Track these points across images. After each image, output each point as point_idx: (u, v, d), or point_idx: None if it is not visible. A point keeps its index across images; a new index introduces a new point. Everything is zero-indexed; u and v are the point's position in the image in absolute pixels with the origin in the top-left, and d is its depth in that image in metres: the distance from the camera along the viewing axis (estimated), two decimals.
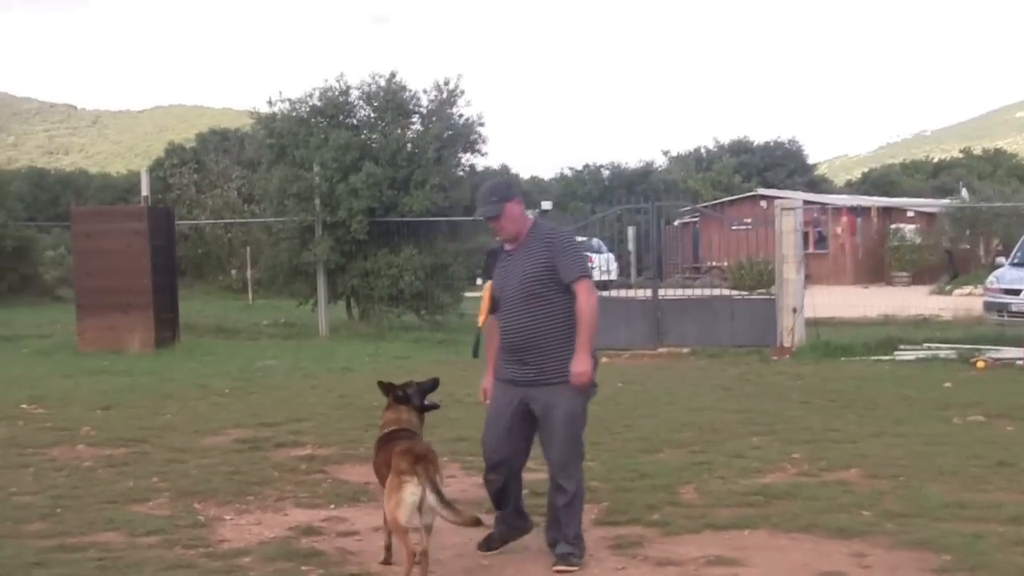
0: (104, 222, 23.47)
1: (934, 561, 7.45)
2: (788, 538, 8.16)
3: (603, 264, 39.73)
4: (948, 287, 40.71)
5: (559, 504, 7.68)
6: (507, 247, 7.76)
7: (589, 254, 39.24)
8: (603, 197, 58.05)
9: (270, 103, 27.65)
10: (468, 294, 27.77)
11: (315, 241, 25.95)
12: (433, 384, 8.08)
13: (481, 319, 7.99)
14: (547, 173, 76.95)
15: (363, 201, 25.41)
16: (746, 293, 28.69)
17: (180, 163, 48.77)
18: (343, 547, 7.96)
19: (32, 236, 41.69)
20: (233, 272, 44.04)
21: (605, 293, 26.03)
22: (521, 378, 7.58)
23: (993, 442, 11.68)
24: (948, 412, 13.65)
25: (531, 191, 60.26)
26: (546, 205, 25.50)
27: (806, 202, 32.23)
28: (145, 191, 25.13)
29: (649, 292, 23.56)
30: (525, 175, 72.14)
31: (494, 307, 7.78)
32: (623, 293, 25.13)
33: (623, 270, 41.11)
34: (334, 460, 11.09)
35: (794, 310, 21.32)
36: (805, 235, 23.20)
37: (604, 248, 40.67)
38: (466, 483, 10.11)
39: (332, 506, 9.23)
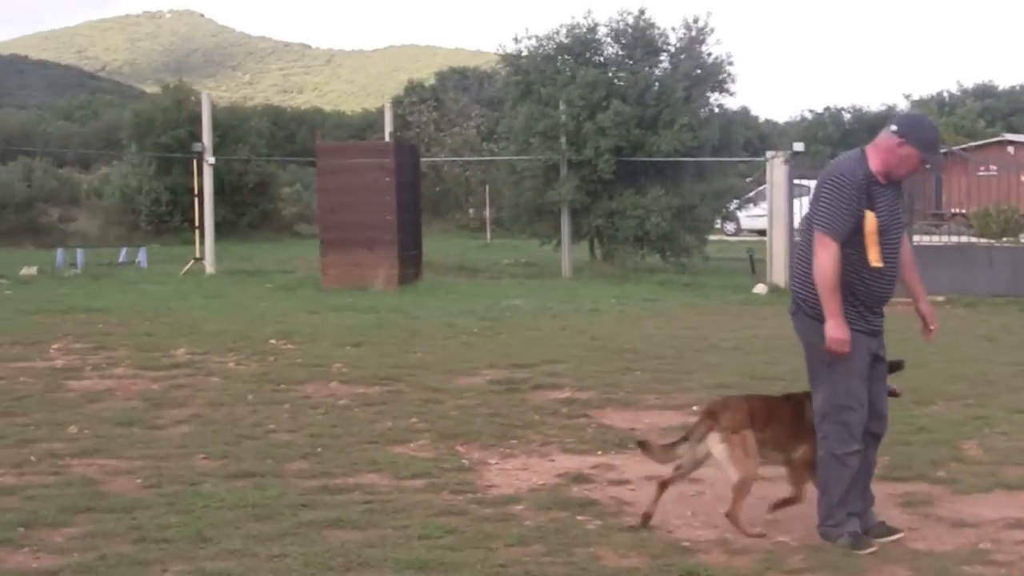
0: (350, 157, 23.49)
1: None
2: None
3: None
4: None
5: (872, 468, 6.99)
6: (880, 179, 6.64)
7: None
8: (844, 140, 56.65)
9: (516, 40, 27.45)
10: (711, 237, 27.33)
11: (560, 180, 25.74)
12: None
13: (880, 258, 6.58)
14: (781, 116, 75.28)
15: (610, 140, 25.06)
16: (993, 241, 27.58)
17: (419, 101, 49.14)
18: (617, 496, 7.66)
19: (272, 172, 42.39)
20: (471, 211, 44.29)
21: None
22: (878, 328, 6.78)
23: None
24: None
25: (769, 134, 59.14)
26: (798, 147, 24.65)
27: None
28: (389, 127, 25.27)
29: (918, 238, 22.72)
30: (761, 118, 70.78)
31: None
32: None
33: None
34: (595, 404, 10.80)
35: None
36: None
37: None
38: None
39: (599, 452, 8.94)
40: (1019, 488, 7.91)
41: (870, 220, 6.54)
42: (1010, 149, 45.66)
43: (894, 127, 6.66)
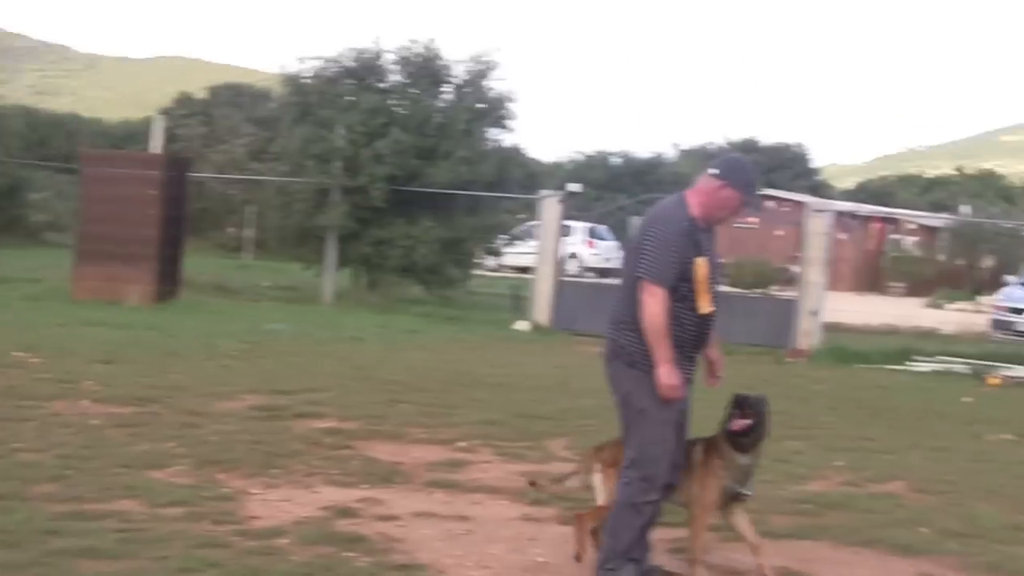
0: (117, 167, 22.64)
1: None
2: (851, 552, 7.84)
3: (607, 251, 39.51)
4: (953, 301, 40.68)
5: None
6: (701, 224, 6.64)
7: (593, 239, 39.32)
8: (610, 185, 57.58)
9: (300, 60, 26.97)
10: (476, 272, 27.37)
11: (331, 205, 25.36)
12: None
13: (708, 303, 6.63)
14: (546, 156, 76.07)
15: (386, 168, 24.79)
16: (745, 291, 28.50)
17: (189, 114, 48.08)
18: (385, 532, 7.49)
19: (27, 176, 40.67)
20: (230, 230, 43.41)
21: (613, 281, 25.78)
22: (691, 378, 6.81)
23: None
24: (977, 428, 13.55)
25: (537, 172, 59.72)
26: (573, 187, 24.92)
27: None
28: (158, 140, 24.60)
29: None
30: (544, 157, 71.41)
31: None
32: None
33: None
34: (360, 435, 10.60)
35: (813, 312, 20.99)
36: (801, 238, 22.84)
37: (610, 236, 40.41)
38: (504, 470, 9.70)
39: (365, 485, 8.76)
40: (786, 537, 8.05)
41: (701, 267, 6.55)
42: (770, 204, 47.21)
43: (714, 170, 6.68)
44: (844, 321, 24.12)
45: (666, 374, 6.44)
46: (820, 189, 71.51)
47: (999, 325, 27.03)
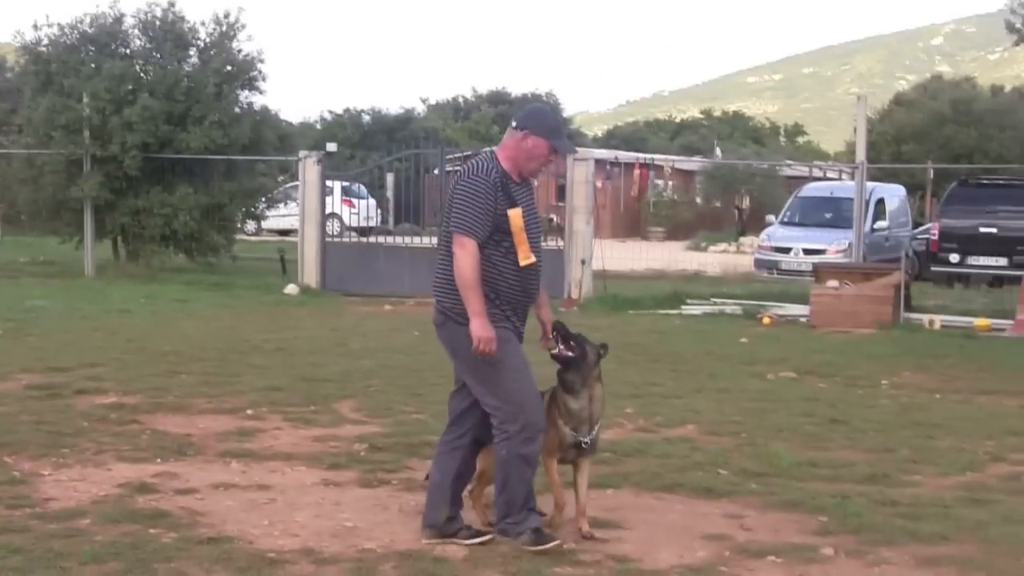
0: None
1: (812, 523, 7.26)
2: (655, 498, 7.87)
3: (367, 210, 39.18)
4: (715, 243, 41.74)
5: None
6: (514, 176, 6.63)
7: (351, 199, 39.01)
8: (363, 143, 57.26)
9: (35, 28, 25.77)
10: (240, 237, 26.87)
11: (83, 176, 24.42)
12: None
13: (531, 254, 6.60)
14: (295, 117, 74.84)
15: (137, 135, 23.92)
16: None
17: None
18: (187, 506, 7.25)
19: None
20: None
21: (377, 239, 25.67)
22: (522, 331, 6.77)
23: (815, 399, 11.74)
24: (757, 368, 13.77)
25: (289, 134, 58.89)
26: (331, 147, 24.64)
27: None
28: None
29: (435, 239, 23.13)
30: (293, 118, 70.39)
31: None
32: (408, 240, 24.66)
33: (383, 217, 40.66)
34: (144, 409, 10.27)
35: (583, 262, 21.23)
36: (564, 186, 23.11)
37: (367, 194, 40.12)
38: (296, 436, 9.52)
39: (158, 460, 8.48)
40: (588, 487, 8.03)
41: (515, 217, 6.50)
42: None
43: (514, 123, 6.62)
44: (611, 268, 24.49)
45: (479, 326, 6.36)
46: (573, 137, 72.41)
47: (764, 264, 27.72)
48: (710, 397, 11.69)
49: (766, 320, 18.88)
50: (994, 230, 26.03)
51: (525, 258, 6.54)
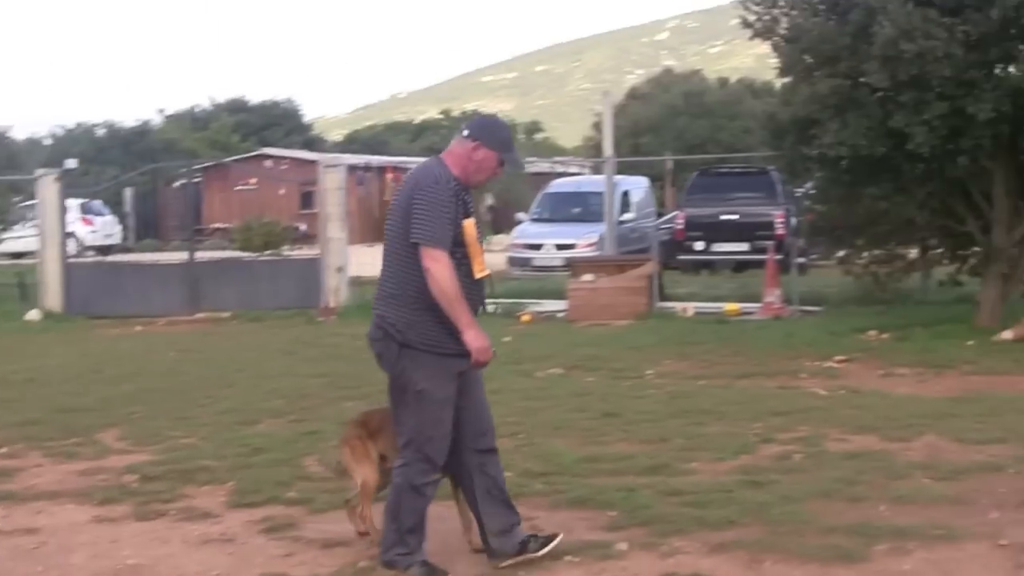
0: None
1: (603, 519, 7.32)
2: (443, 506, 7.74)
3: (106, 227, 38.16)
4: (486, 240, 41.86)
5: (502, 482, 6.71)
6: (461, 190, 6.40)
7: (89, 216, 37.85)
8: (98, 157, 55.71)
9: None
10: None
11: None
12: None
13: (484, 267, 6.46)
14: (21, 134, 72.03)
15: None
16: (256, 255, 28.31)
17: None
18: None
19: None
20: None
21: (120, 257, 24.98)
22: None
23: (586, 394, 11.88)
24: (525, 366, 13.84)
25: (17, 152, 57.01)
26: (71, 163, 23.79)
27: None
28: None
29: (185, 255, 22.64)
30: (20, 135, 67.91)
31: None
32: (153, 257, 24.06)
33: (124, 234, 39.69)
34: None
35: (339, 269, 21.05)
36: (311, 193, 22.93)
37: (106, 211, 39.07)
38: (60, 472, 9.13)
39: None
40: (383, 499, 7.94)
41: (469, 228, 6.31)
42: (268, 163, 46.88)
43: (466, 132, 6.42)
44: (366, 274, 24.27)
45: (473, 337, 6.21)
46: (314, 143, 71.94)
47: (518, 262, 28.01)
48: None
49: (526, 318, 19.04)
50: (735, 217, 26.84)
51: (480, 270, 6.38)
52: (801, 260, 21.38)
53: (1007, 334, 14.63)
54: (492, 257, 29.54)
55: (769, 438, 9.49)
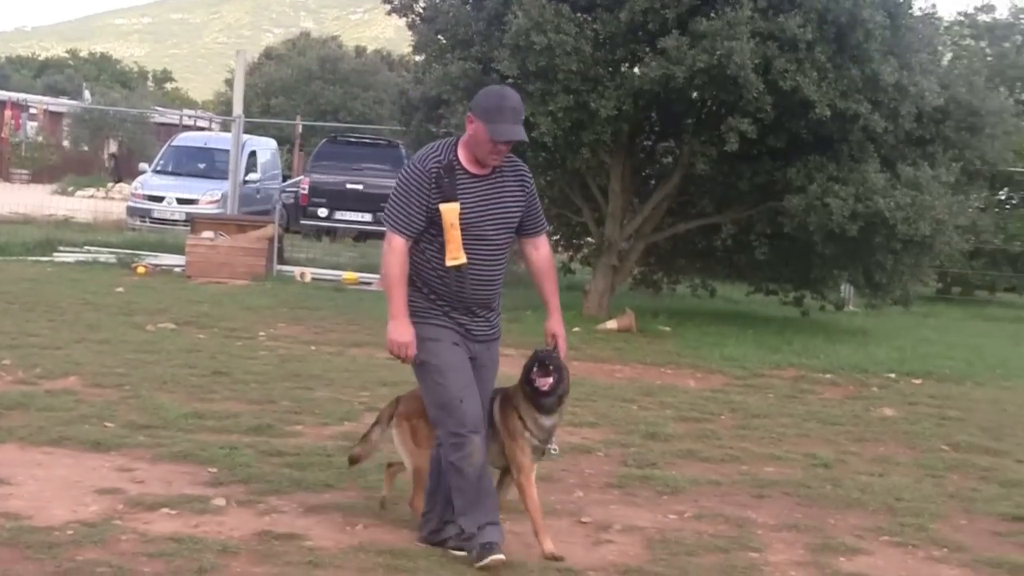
0: None
1: (203, 474, 7.36)
2: (41, 452, 7.68)
3: None
4: (84, 188, 40.66)
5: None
6: (469, 167, 6.02)
7: None
8: None
9: None
10: None
11: None
12: None
13: (460, 255, 5.96)
14: None
15: None
16: None
17: None
18: None
19: None
20: None
21: None
22: (480, 333, 6.19)
23: (196, 350, 11.85)
24: (137, 319, 13.69)
25: None
26: None
27: None
28: None
29: None
30: None
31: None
32: None
33: None
34: None
35: None
36: None
37: None
38: None
39: None
40: None
41: (447, 213, 5.90)
42: None
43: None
44: None
45: (391, 329, 5.97)
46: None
47: (137, 212, 27.27)
48: (91, 348, 11.49)
49: (141, 270, 18.72)
50: (360, 187, 27.12)
51: (452, 258, 5.95)
52: None
53: (611, 324, 15.37)
54: (112, 205, 29.02)
55: (374, 407, 9.59)
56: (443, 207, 5.89)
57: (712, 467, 8.40)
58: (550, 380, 6.15)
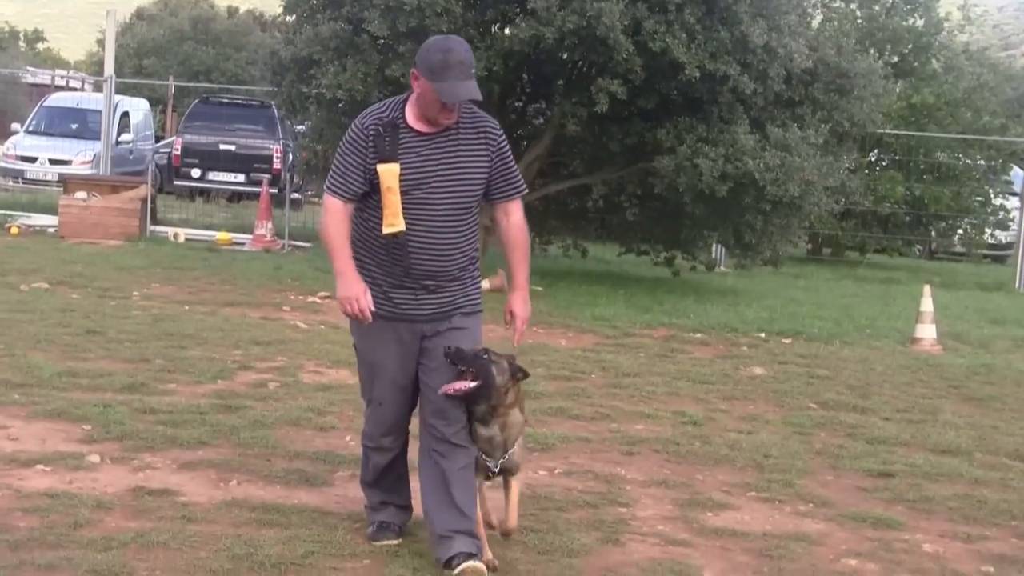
0: None
1: (77, 432, 7.32)
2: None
3: None
4: None
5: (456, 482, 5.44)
6: (416, 125, 5.32)
7: None
8: None
9: None
10: None
11: None
12: None
13: (397, 221, 5.28)
14: None
15: None
16: None
17: None
18: None
19: None
20: None
21: None
22: (418, 312, 5.44)
23: (70, 310, 11.73)
24: (11, 279, 13.52)
25: None
26: None
27: None
28: None
29: None
30: None
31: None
32: None
33: None
34: None
35: None
36: None
37: None
38: None
39: None
40: None
41: (384, 175, 5.22)
42: None
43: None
44: None
45: (339, 286, 5.32)
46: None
47: (10, 173, 27.08)
48: None
49: (14, 230, 18.41)
50: (233, 147, 26.90)
51: (388, 225, 5.26)
52: (296, 196, 21.74)
53: (484, 284, 15.43)
54: None
55: (247, 365, 9.70)
56: (380, 168, 5.24)
57: (582, 424, 8.51)
58: (461, 385, 5.31)
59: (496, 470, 5.46)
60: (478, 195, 5.46)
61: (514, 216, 5.59)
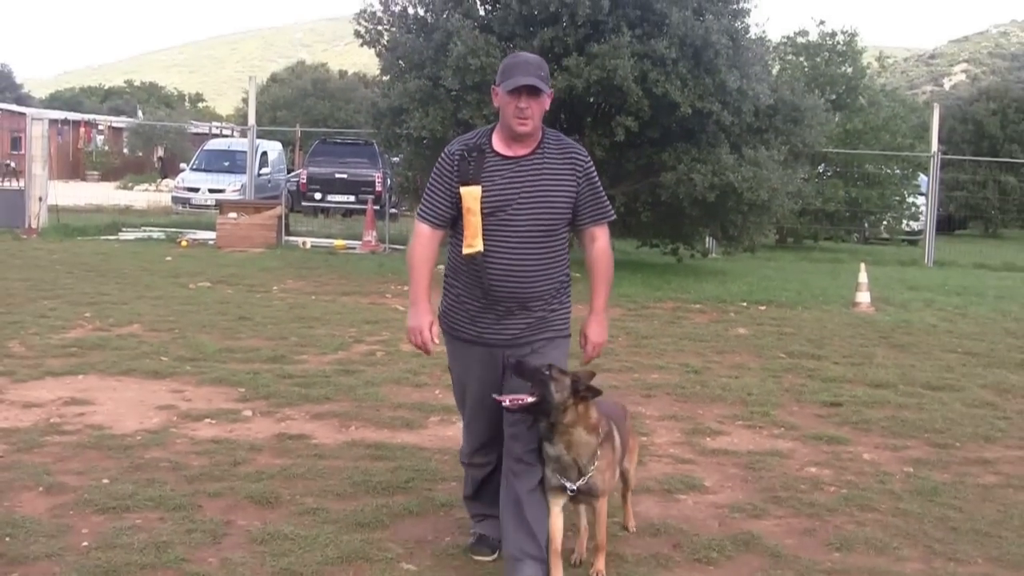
0: None
1: (234, 393, 7.31)
2: (116, 380, 7.61)
3: None
4: (139, 184, 40.19)
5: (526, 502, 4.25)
6: (501, 149, 4.24)
7: None
8: None
9: None
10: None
11: None
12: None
13: (475, 243, 4.19)
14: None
15: None
16: None
17: None
18: None
19: None
20: None
21: None
22: (499, 337, 4.31)
23: (226, 302, 11.70)
24: (181, 280, 13.52)
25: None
26: None
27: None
28: None
29: None
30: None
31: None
32: None
33: None
34: None
35: (40, 199, 19.75)
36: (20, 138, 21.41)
37: None
38: None
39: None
40: (63, 375, 7.67)
41: (466, 197, 4.18)
42: None
43: None
44: (62, 203, 22.96)
45: (409, 316, 4.36)
46: (24, 100, 66.70)
47: (180, 201, 27.49)
48: (148, 303, 11.34)
49: (184, 243, 18.53)
50: (345, 176, 26.93)
51: (467, 246, 4.19)
52: (392, 211, 21.77)
53: None
54: (161, 196, 28.79)
55: (360, 339, 9.68)
56: (462, 190, 4.20)
57: (612, 375, 8.41)
58: (518, 398, 4.08)
59: (573, 489, 4.14)
60: (562, 219, 4.30)
61: (600, 241, 4.41)
